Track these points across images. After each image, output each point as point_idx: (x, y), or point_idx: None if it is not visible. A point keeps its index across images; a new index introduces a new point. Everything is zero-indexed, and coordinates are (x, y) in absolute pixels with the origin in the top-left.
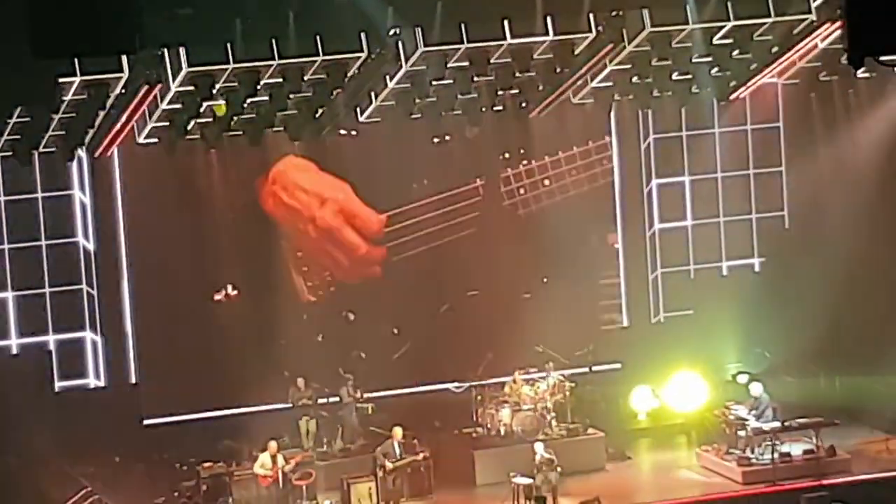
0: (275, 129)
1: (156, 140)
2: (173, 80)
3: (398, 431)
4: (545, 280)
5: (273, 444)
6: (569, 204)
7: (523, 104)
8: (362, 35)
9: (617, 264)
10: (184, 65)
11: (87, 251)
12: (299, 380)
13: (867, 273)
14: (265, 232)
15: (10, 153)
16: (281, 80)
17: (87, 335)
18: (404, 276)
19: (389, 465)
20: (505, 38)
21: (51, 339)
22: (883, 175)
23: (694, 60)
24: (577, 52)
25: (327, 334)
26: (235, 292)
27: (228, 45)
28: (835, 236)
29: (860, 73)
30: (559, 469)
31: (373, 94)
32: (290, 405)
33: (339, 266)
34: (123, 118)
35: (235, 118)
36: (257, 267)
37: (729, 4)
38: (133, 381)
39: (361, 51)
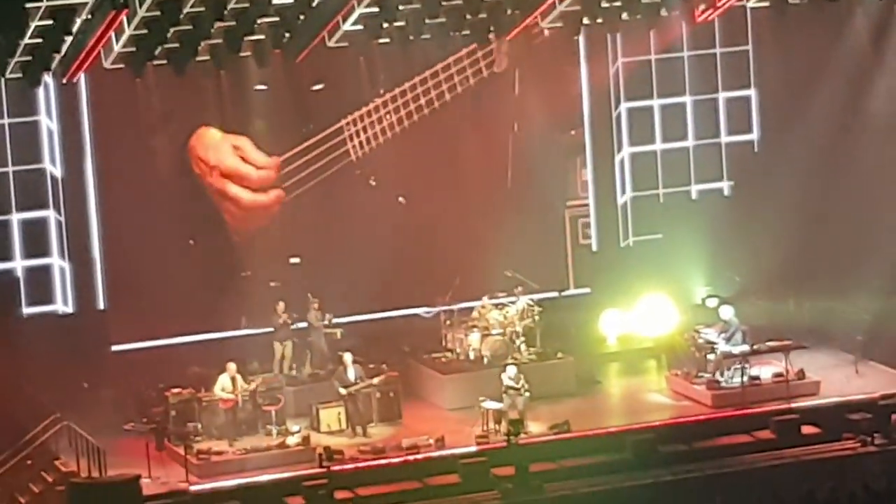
0: (242, 54)
1: (122, 65)
2: (140, 5)
3: (347, 357)
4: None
5: (232, 366)
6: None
7: (491, 29)
8: None
9: (586, 188)
10: None
11: (55, 177)
12: (280, 304)
13: (836, 197)
14: None
15: None
16: (247, 4)
17: (55, 261)
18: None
19: (343, 392)
20: None
21: (18, 264)
22: (851, 98)
23: None
24: None
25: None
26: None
27: None
28: (803, 160)
29: None
30: (527, 393)
31: (341, 19)
32: (259, 331)
33: (236, 218)
34: (90, 43)
35: (202, 43)
36: None
37: None
38: (101, 307)
39: None
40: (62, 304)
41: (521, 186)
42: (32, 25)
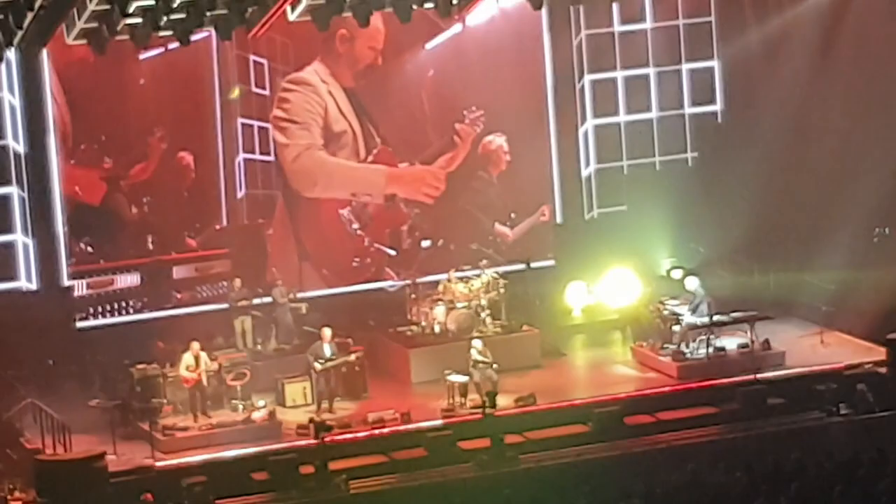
0: (205, 28)
1: (85, 41)
2: None
3: (327, 332)
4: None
5: (195, 345)
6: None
7: (454, 2)
8: None
9: (549, 160)
10: None
11: (17, 153)
12: (236, 280)
13: (800, 167)
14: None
15: None
16: None
17: (19, 238)
18: None
19: (318, 366)
20: None
21: None
22: (814, 70)
23: None
24: None
25: None
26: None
27: None
28: (767, 131)
29: None
30: (495, 366)
31: None
32: (224, 306)
33: None
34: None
35: (165, 17)
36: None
37: None
38: (65, 284)
39: None
40: (26, 280)
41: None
42: None
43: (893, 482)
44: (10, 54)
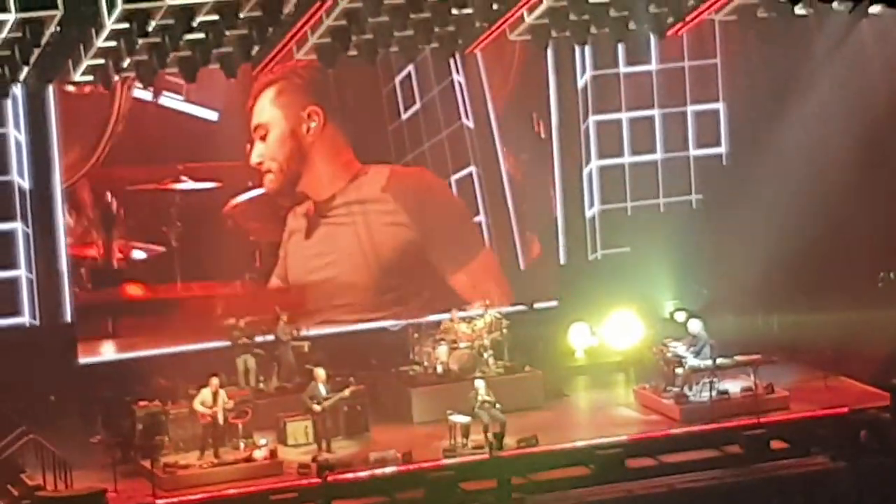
0: (210, 66)
1: (91, 77)
2: (108, 16)
3: (320, 372)
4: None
5: (215, 381)
6: None
7: (459, 41)
8: None
9: (554, 201)
10: (118, 1)
11: (23, 189)
12: (239, 319)
13: (804, 210)
14: None
15: None
16: (217, 17)
17: (22, 273)
18: None
19: (317, 408)
20: None
21: None
22: (820, 111)
23: None
24: None
25: None
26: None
27: None
28: (772, 173)
29: (798, 10)
30: (498, 406)
31: (309, 31)
32: (226, 343)
33: None
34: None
35: (172, 55)
36: None
37: None
38: (68, 320)
39: None
40: (29, 316)
41: None
42: (1, 38)
43: None
44: (17, 90)
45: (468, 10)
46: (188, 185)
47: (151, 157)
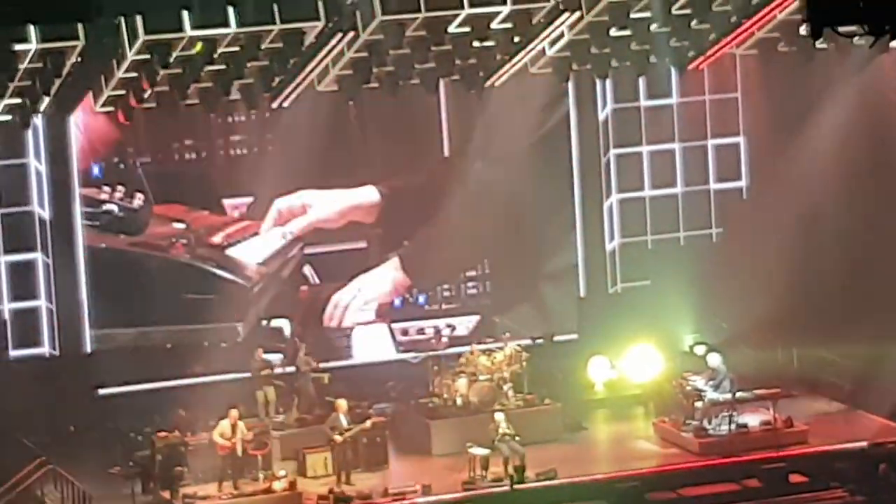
0: (231, 97)
1: (112, 108)
2: (130, 48)
3: (342, 404)
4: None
5: (234, 413)
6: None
7: (480, 74)
8: (319, 4)
9: (574, 235)
10: (140, 33)
11: (43, 219)
12: (258, 350)
13: (824, 244)
14: None
15: None
16: (238, 48)
17: (42, 303)
18: None
19: (338, 439)
20: (463, 8)
21: (6, 307)
22: (840, 146)
23: (652, 30)
24: (534, 21)
25: None
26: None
27: (185, 13)
28: (792, 207)
29: (819, 44)
30: (517, 439)
31: (330, 63)
32: (246, 375)
33: None
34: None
35: (192, 86)
36: None
37: None
38: (88, 350)
39: (318, 19)
40: (49, 346)
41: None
42: (21, 68)
43: None
44: (38, 120)
45: (490, 43)
46: None
47: None
